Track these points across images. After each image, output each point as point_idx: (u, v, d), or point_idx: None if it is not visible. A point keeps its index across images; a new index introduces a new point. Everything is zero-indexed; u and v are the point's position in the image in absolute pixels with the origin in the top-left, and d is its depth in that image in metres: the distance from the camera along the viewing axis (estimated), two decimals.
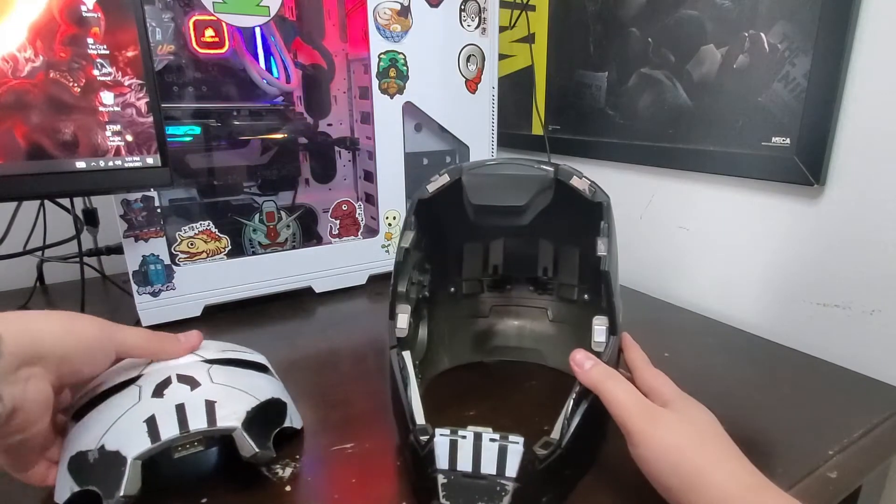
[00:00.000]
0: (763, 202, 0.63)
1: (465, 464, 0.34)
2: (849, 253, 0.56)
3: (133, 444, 0.34)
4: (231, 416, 0.37)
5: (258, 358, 0.45)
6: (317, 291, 0.73)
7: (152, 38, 0.61)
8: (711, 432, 0.34)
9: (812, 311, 0.60)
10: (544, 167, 0.41)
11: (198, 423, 0.35)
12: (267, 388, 0.42)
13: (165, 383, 0.37)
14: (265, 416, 0.40)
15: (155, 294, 0.63)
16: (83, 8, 0.47)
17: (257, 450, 0.36)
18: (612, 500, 0.37)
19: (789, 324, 0.62)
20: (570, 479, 0.37)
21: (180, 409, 0.36)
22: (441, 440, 0.34)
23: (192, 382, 0.38)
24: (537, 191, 0.42)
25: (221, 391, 0.38)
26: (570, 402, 0.37)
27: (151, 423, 0.35)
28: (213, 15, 0.59)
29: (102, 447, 0.34)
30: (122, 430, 0.35)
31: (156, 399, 0.36)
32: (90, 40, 0.48)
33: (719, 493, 0.30)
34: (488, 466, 0.33)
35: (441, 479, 0.33)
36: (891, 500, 0.55)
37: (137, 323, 0.64)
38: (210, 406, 0.36)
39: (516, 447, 0.34)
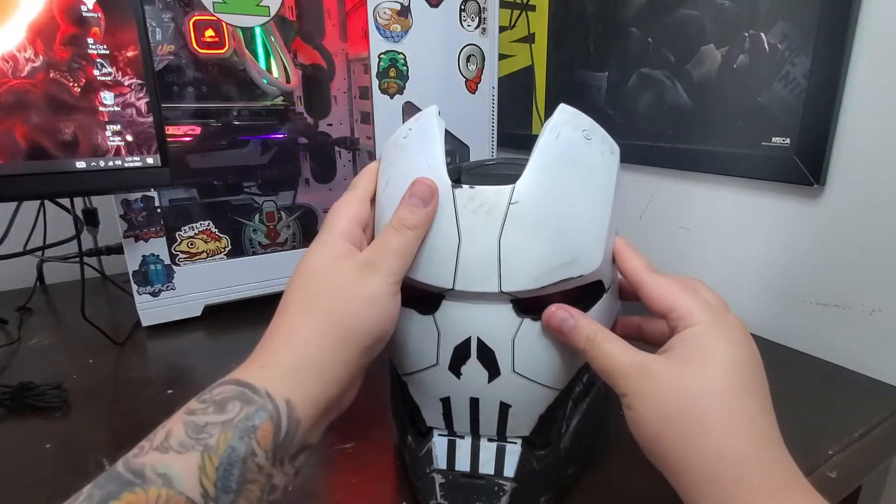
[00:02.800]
0: (763, 202, 0.63)
1: (463, 464, 0.33)
2: (849, 253, 0.56)
3: (430, 414, 0.34)
4: (521, 427, 0.33)
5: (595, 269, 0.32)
6: None
7: (152, 38, 0.61)
8: (732, 381, 0.26)
9: (812, 311, 0.60)
10: None
11: (487, 429, 0.33)
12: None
13: (464, 352, 0.31)
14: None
15: (155, 294, 0.63)
16: (83, 8, 0.47)
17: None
18: (612, 500, 0.37)
19: (789, 324, 0.62)
20: (568, 479, 0.37)
21: (474, 404, 0.32)
22: (439, 440, 0.34)
23: (491, 364, 0.31)
24: None
25: (520, 389, 0.32)
26: (570, 402, 0.37)
27: (446, 405, 0.33)
28: (213, 15, 0.59)
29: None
30: (419, 389, 0.34)
31: (452, 375, 0.32)
32: (90, 40, 0.48)
33: (719, 468, 0.24)
34: (486, 466, 0.33)
35: (439, 479, 0.33)
36: (891, 500, 0.55)
37: (137, 324, 0.64)
38: (503, 412, 0.32)
39: (514, 447, 0.33)
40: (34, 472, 0.40)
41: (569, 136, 0.32)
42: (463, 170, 0.44)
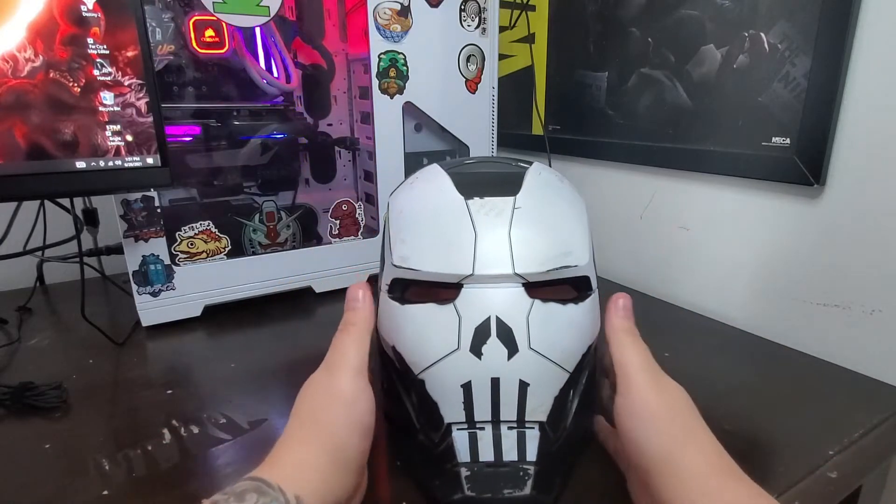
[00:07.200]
0: (763, 202, 0.63)
1: (486, 454, 0.34)
2: (849, 253, 0.56)
3: (449, 410, 0.35)
4: (539, 409, 0.34)
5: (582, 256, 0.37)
6: (317, 291, 0.73)
7: (152, 38, 0.61)
8: (690, 407, 0.33)
9: (812, 311, 0.60)
10: (521, 164, 0.42)
11: (507, 412, 0.34)
12: (584, 336, 0.37)
13: (484, 332, 0.34)
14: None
15: (155, 294, 0.63)
16: (83, 8, 0.47)
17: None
18: (611, 492, 0.37)
19: (789, 324, 0.62)
20: (572, 461, 0.38)
21: (495, 385, 0.34)
22: (459, 434, 0.35)
23: (510, 341, 0.34)
24: None
25: (536, 366, 0.34)
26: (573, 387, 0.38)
27: (467, 392, 0.34)
28: (213, 15, 0.59)
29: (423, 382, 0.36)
30: (439, 381, 0.35)
31: (473, 357, 0.34)
32: (90, 40, 0.48)
33: (689, 471, 0.29)
34: (510, 454, 0.34)
35: (464, 472, 0.34)
36: (891, 500, 0.55)
37: (137, 324, 0.64)
38: (522, 392, 0.34)
39: (534, 432, 0.34)
40: (34, 472, 0.40)
41: (548, 176, 0.41)
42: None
